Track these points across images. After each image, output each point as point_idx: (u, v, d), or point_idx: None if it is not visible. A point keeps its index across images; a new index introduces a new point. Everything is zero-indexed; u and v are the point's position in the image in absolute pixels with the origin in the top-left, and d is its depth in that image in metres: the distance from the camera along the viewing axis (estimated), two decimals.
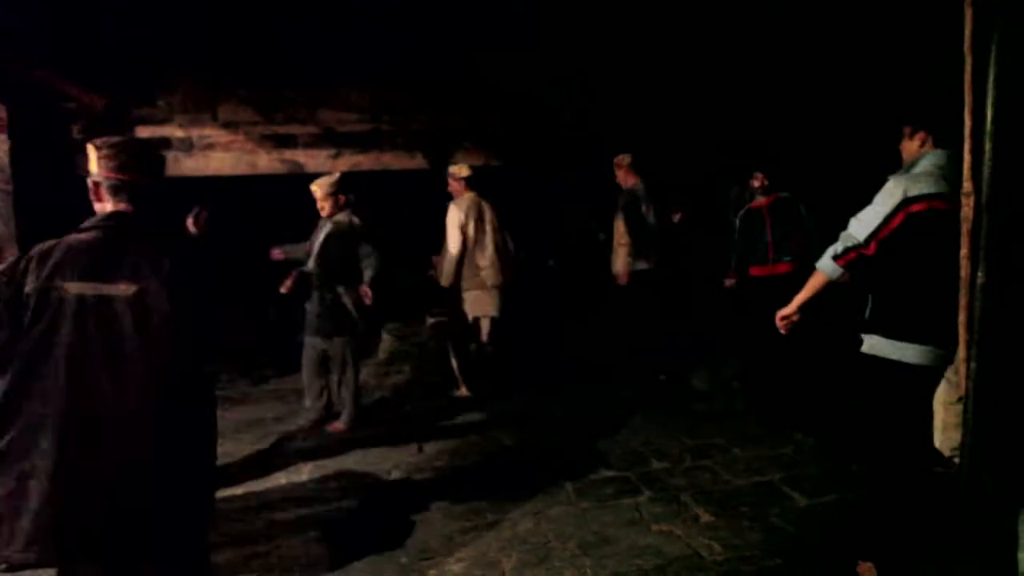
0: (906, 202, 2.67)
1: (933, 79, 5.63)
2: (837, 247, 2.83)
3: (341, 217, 4.90)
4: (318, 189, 4.87)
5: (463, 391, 5.68)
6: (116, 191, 2.09)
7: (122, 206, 2.10)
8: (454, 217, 5.44)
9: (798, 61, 6.34)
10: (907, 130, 2.95)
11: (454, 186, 5.58)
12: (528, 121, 6.76)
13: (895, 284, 2.81)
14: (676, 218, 6.08)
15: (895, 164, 3.01)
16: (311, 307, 4.85)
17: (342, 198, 4.93)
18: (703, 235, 7.25)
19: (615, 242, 6.03)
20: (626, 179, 5.95)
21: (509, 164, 6.64)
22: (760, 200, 5.55)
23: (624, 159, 5.94)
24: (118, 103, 5.90)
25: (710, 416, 5.16)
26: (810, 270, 3.04)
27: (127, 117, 5.96)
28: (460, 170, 5.56)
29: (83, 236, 2.04)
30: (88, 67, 5.50)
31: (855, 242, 2.76)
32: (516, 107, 6.70)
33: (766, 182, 5.49)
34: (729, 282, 5.81)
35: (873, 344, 2.87)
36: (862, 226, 2.75)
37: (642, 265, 5.89)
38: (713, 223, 7.51)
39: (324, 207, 4.87)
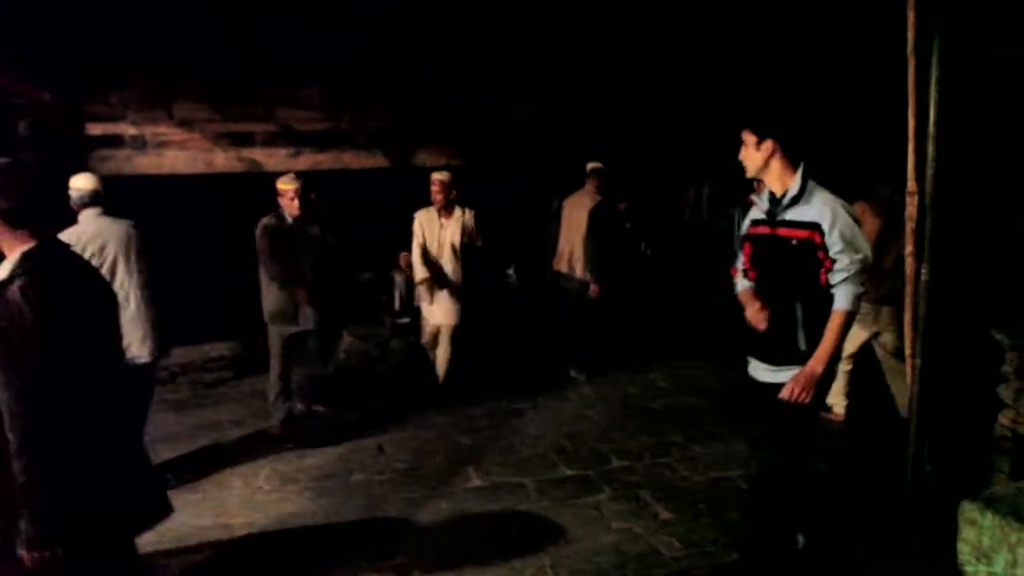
0: None
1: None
2: (859, 279, 2.61)
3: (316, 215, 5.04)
4: (297, 187, 4.79)
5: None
6: (20, 219, 1.99)
7: (33, 237, 2.00)
8: None
9: (760, 63, 6.42)
10: (751, 139, 2.76)
11: (445, 195, 5.37)
12: (486, 120, 6.75)
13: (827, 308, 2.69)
14: (620, 207, 6.14)
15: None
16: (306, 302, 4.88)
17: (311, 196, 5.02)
18: (653, 233, 7.35)
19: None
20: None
21: (470, 164, 6.61)
22: None
23: (588, 166, 6.00)
24: (68, 99, 5.73)
25: (670, 414, 5.21)
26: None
27: (77, 114, 5.79)
28: (447, 177, 5.41)
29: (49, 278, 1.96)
30: (36, 61, 5.33)
31: (869, 264, 2.63)
32: (475, 106, 6.68)
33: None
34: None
35: None
36: (867, 249, 2.62)
37: (560, 267, 6.11)
38: (669, 222, 7.61)
39: (297, 204, 4.82)
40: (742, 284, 3.00)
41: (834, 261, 2.61)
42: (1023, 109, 4.28)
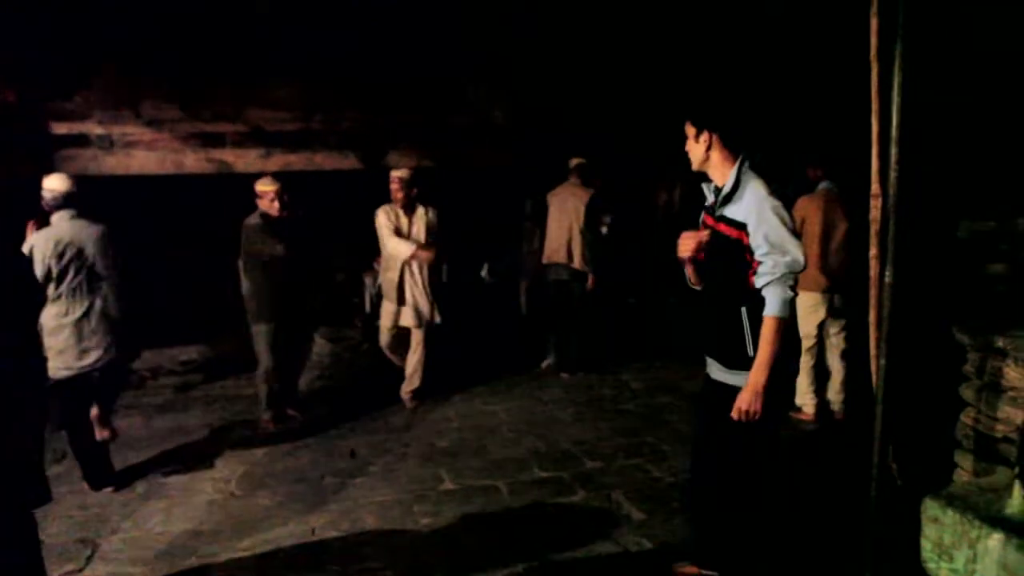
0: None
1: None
2: (787, 282, 2.51)
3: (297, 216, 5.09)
4: (278, 188, 4.85)
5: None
6: None
7: None
8: None
9: (732, 66, 6.48)
10: (691, 131, 2.73)
11: (405, 193, 5.28)
12: (460, 120, 6.74)
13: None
14: (603, 219, 6.20)
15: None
16: (286, 297, 4.93)
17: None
18: (632, 236, 7.41)
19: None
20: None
21: (442, 165, 6.60)
22: None
23: (572, 162, 6.02)
24: (31, 97, 5.62)
25: (643, 415, 5.24)
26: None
27: (40, 112, 5.67)
28: (407, 174, 5.35)
29: None
30: None
31: (800, 267, 2.52)
32: (447, 106, 6.67)
33: None
34: None
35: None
36: (796, 252, 2.51)
37: (548, 260, 6.07)
38: (643, 226, 7.67)
39: (278, 205, 4.87)
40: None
41: (760, 263, 2.54)
42: (977, 113, 4.40)
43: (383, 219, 5.30)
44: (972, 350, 3.18)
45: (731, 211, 2.64)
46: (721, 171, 2.71)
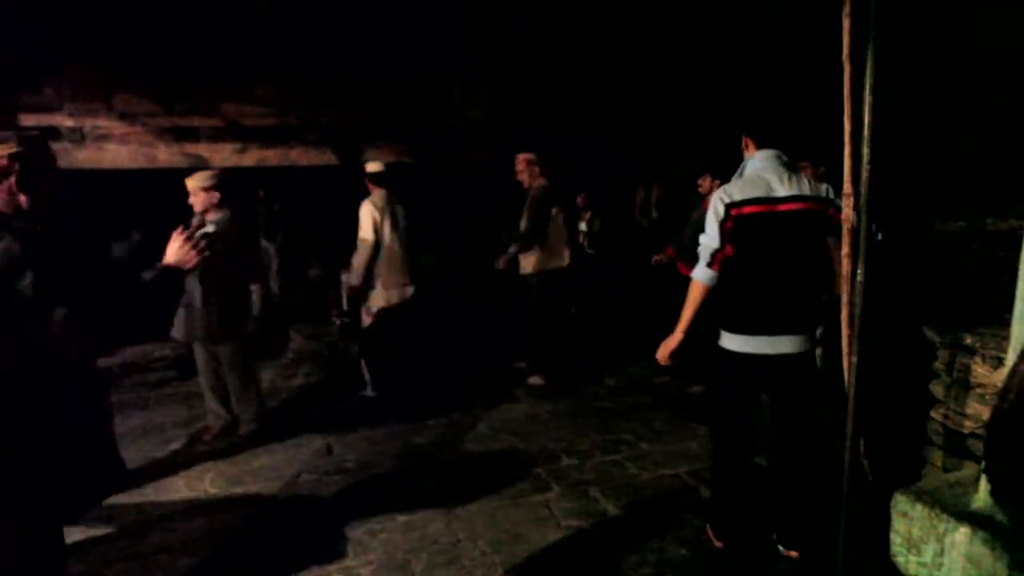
0: (728, 208, 2.87)
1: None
2: (703, 257, 2.95)
3: (221, 216, 4.53)
4: (197, 184, 4.47)
5: (369, 391, 5.55)
6: None
7: None
8: (367, 214, 5.23)
9: (713, 60, 6.53)
10: (741, 137, 3.10)
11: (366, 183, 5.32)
12: (439, 118, 6.71)
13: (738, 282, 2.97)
14: (586, 216, 6.17)
15: None
16: (195, 312, 4.48)
17: (217, 195, 4.51)
18: (614, 234, 7.43)
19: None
20: (532, 179, 5.84)
21: (420, 161, 6.57)
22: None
23: (528, 158, 5.89)
24: None
25: (619, 412, 5.26)
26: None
27: (9, 104, 5.56)
28: (368, 166, 5.35)
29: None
30: None
31: (714, 247, 2.90)
32: (426, 103, 6.64)
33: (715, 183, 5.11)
34: (659, 258, 5.76)
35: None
36: (711, 235, 2.92)
37: (554, 264, 5.81)
38: (622, 223, 7.70)
39: (198, 201, 4.48)
40: None
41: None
42: (949, 115, 4.48)
43: None
44: (942, 347, 3.24)
45: None
46: None
